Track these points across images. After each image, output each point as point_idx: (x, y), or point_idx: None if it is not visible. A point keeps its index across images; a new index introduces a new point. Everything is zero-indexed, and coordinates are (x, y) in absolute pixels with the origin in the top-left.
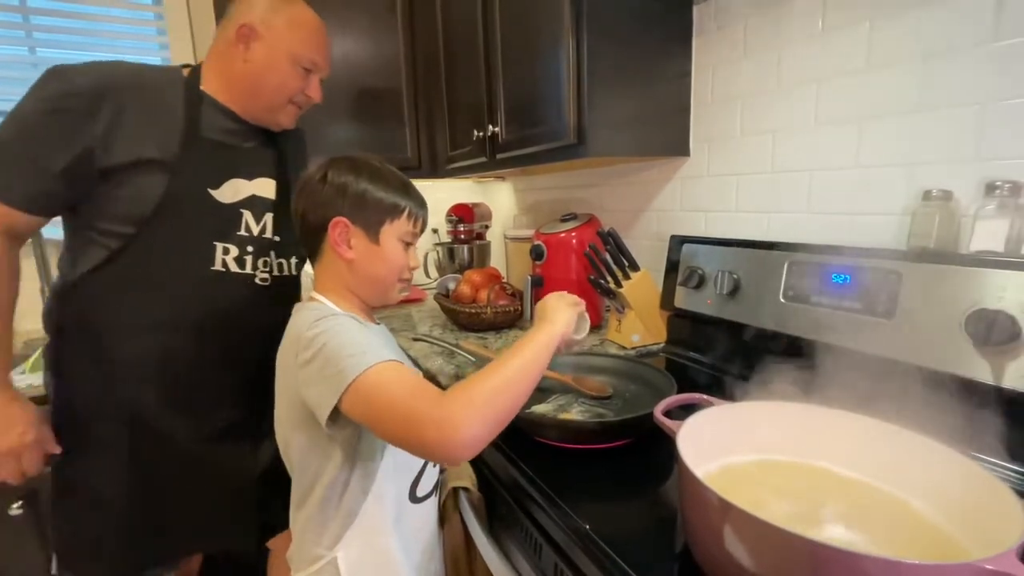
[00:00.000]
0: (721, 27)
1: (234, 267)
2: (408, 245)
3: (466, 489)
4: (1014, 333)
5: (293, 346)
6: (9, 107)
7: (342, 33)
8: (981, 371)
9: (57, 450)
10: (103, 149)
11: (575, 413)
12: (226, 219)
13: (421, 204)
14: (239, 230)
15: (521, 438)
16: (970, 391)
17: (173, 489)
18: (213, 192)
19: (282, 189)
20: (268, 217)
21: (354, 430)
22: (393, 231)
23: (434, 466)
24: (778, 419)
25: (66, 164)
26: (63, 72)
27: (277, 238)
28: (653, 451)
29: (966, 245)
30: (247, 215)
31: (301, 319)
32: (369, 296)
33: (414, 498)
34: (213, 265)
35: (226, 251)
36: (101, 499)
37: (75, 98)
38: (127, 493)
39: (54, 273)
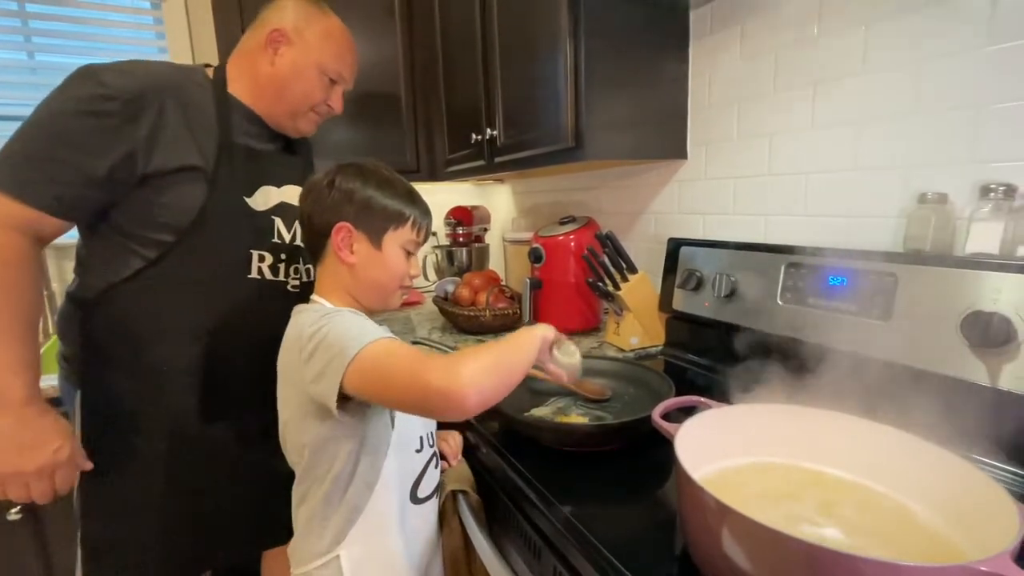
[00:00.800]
0: (718, 31)
1: (269, 275)
2: (410, 253)
3: (465, 492)
4: (1010, 335)
5: (295, 345)
6: (8, 111)
7: None
8: (977, 373)
9: (88, 466)
10: (145, 154)
11: (574, 416)
12: (260, 227)
13: (426, 213)
14: (273, 237)
15: (520, 441)
16: (966, 393)
17: (213, 494)
18: (248, 200)
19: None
20: (298, 224)
21: (363, 417)
22: (396, 238)
23: (435, 467)
24: (775, 421)
25: (107, 169)
26: (98, 73)
27: (299, 243)
28: (652, 453)
29: (961, 247)
30: (279, 222)
31: (302, 320)
32: (369, 301)
33: (415, 499)
34: (250, 273)
35: (261, 259)
36: (135, 510)
37: (115, 101)
38: (163, 504)
39: (51, 278)
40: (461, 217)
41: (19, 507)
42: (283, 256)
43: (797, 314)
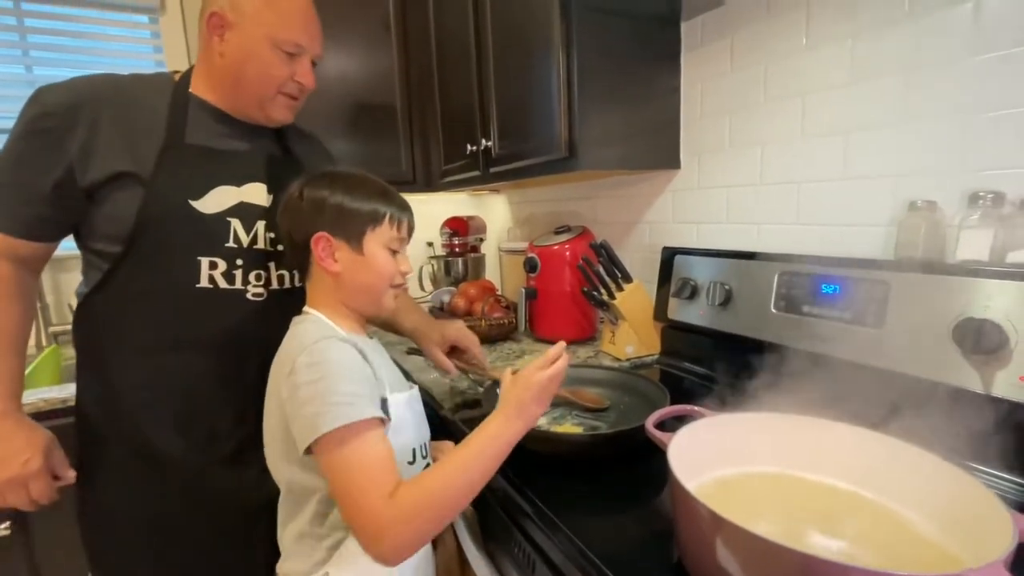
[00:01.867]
0: (708, 43)
1: (223, 283)
2: (395, 251)
3: None
4: (1001, 341)
5: (288, 361)
6: (6, 125)
7: (337, 49)
8: (970, 379)
9: (70, 475)
10: (81, 166)
11: (568, 426)
12: (211, 231)
13: (403, 208)
14: (227, 242)
15: (514, 451)
16: (960, 399)
17: (185, 518)
18: (194, 203)
19: (283, 193)
20: (260, 225)
21: None
22: (376, 239)
23: None
24: (769, 430)
25: (51, 186)
26: (40, 93)
27: (279, 247)
28: (648, 462)
29: (952, 254)
30: (236, 224)
31: (301, 334)
32: (362, 306)
33: None
34: (199, 282)
35: (213, 265)
36: (121, 522)
37: (50, 117)
38: (141, 522)
39: (47, 290)
40: (457, 227)
41: (8, 523)
42: (239, 262)
43: (791, 322)
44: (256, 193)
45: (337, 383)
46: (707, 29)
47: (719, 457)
